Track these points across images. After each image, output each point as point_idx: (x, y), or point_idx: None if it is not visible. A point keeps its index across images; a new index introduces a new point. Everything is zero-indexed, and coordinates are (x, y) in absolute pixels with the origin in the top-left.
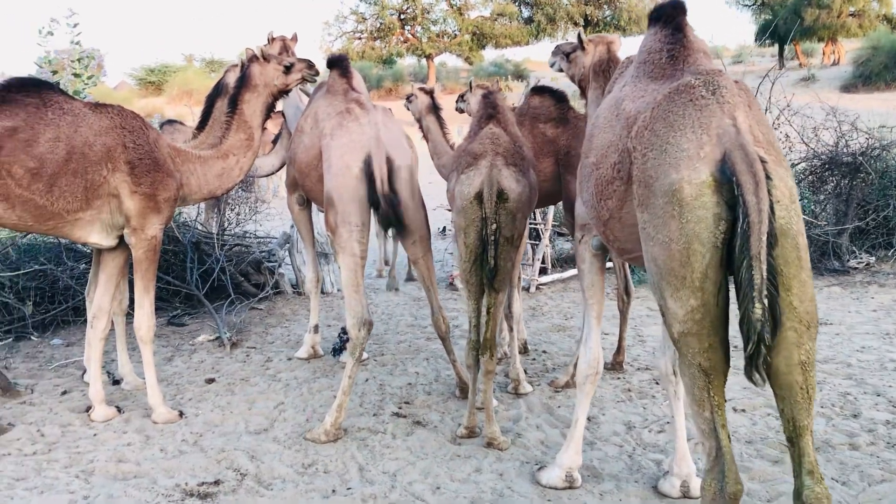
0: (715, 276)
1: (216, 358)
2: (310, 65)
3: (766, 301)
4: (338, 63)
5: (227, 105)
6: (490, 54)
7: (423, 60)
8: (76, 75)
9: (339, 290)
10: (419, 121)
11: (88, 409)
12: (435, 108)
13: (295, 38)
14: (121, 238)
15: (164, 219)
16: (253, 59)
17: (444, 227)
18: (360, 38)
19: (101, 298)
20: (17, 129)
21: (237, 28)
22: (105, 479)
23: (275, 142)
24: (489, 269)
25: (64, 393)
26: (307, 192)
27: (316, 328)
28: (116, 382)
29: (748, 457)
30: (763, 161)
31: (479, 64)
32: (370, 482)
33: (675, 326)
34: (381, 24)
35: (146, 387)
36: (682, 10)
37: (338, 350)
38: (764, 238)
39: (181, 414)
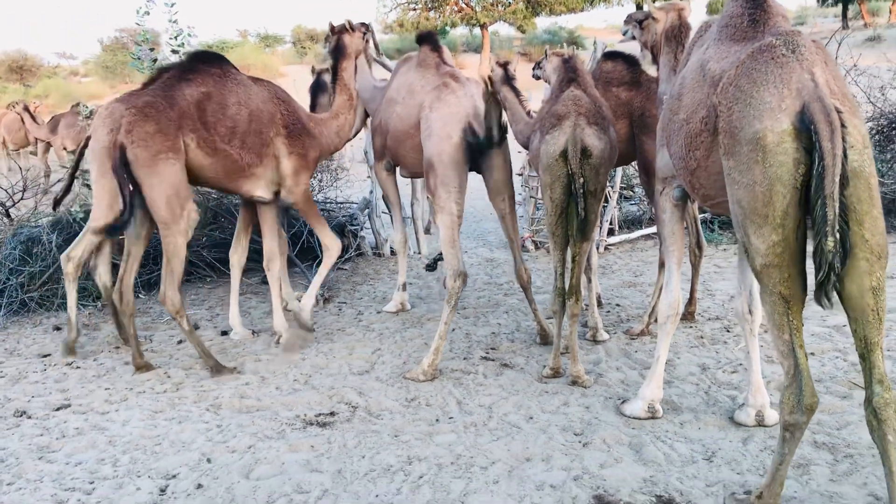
0: (794, 213)
1: (312, 312)
2: (370, 28)
3: (837, 235)
4: (428, 38)
5: (331, 73)
6: (543, 22)
7: (477, 30)
8: (174, 52)
9: (414, 252)
10: (496, 93)
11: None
12: (508, 80)
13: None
14: (276, 193)
15: (311, 175)
16: (343, 30)
17: None
18: (414, 9)
19: (269, 244)
20: (211, 95)
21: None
22: (232, 412)
23: None
24: (579, 221)
25: (180, 342)
26: (398, 158)
27: (404, 286)
28: (224, 333)
29: (819, 393)
30: (839, 111)
31: (532, 32)
32: (469, 413)
33: (757, 260)
34: None
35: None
36: None
37: (431, 266)
38: (837, 180)
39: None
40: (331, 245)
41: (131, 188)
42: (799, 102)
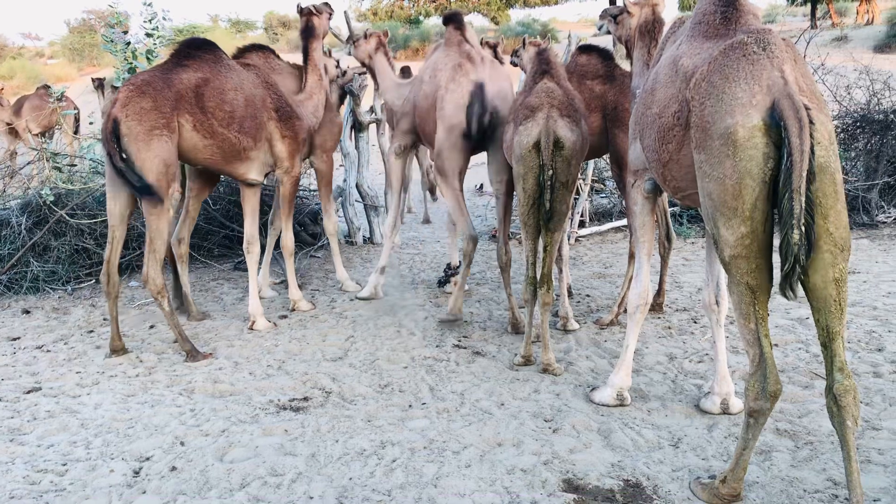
0: (763, 206)
1: (284, 298)
2: (330, 6)
3: (803, 228)
4: (453, 18)
5: (301, 54)
6: (517, 14)
7: None
8: (149, 35)
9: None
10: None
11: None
12: (498, 62)
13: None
14: (264, 176)
15: (302, 157)
16: (310, 13)
17: (481, 185)
18: None
19: (251, 228)
20: (208, 80)
21: None
22: (205, 396)
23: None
24: (546, 212)
25: (152, 327)
26: (425, 135)
27: (383, 270)
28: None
29: (781, 382)
30: (807, 108)
31: (505, 24)
32: (441, 399)
33: (726, 251)
34: None
35: (291, 293)
36: None
37: (442, 282)
38: (804, 175)
39: (314, 305)
40: (288, 244)
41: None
42: (769, 99)
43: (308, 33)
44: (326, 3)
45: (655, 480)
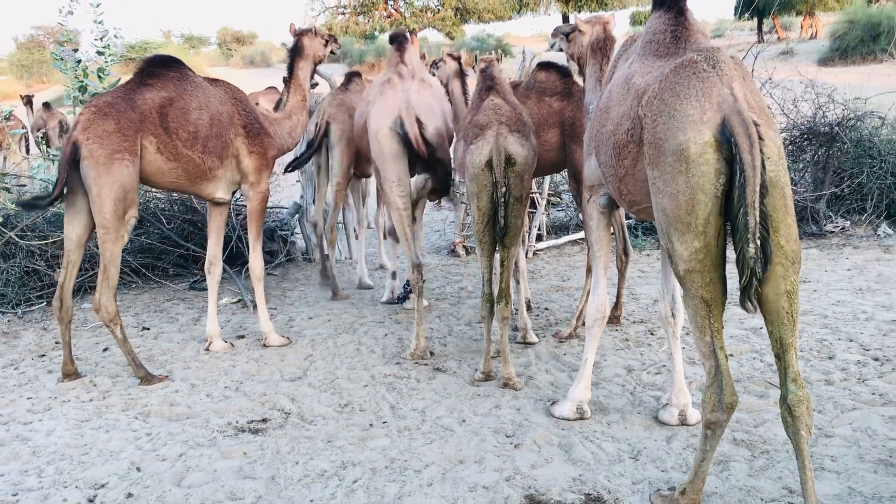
0: (715, 221)
1: (241, 318)
2: (336, 40)
3: (759, 242)
4: (394, 39)
5: (286, 71)
6: (472, 29)
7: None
8: (100, 53)
9: (345, 258)
10: (446, 86)
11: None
12: (462, 74)
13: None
14: (231, 194)
15: (269, 174)
16: (303, 33)
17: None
18: (343, 14)
19: (214, 248)
20: (173, 100)
21: (214, 3)
22: (162, 420)
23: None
24: (501, 228)
25: (105, 350)
26: (363, 153)
27: (394, 275)
28: (146, 329)
29: (737, 392)
30: (756, 124)
31: (461, 39)
32: (402, 417)
33: (680, 265)
34: None
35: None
36: None
37: (402, 298)
38: (758, 189)
39: (289, 339)
40: (256, 267)
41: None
42: (720, 115)
43: (295, 52)
44: (331, 34)
45: (616, 494)
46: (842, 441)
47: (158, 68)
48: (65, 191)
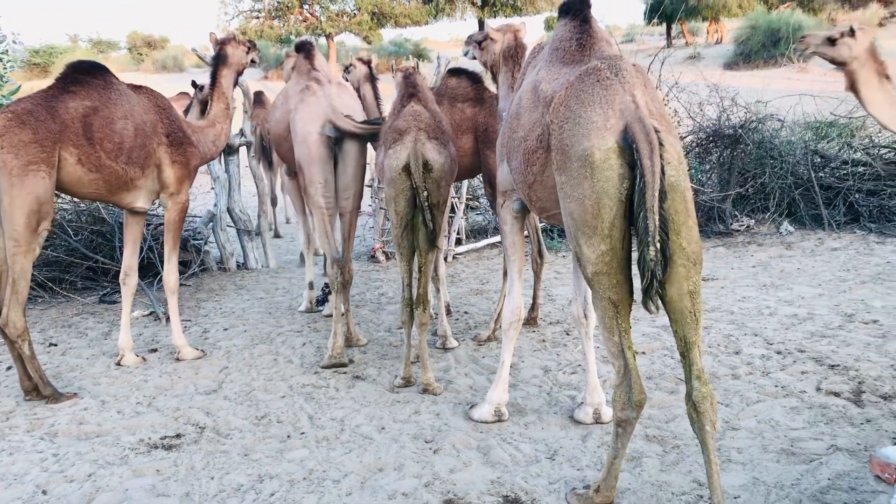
0: (620, 225)
1: (153, 331)
2: (256, 47)
3: (658, 245)
4: (301, 48)
5: (209, 80)
6: (389, 34)
7: (323, 39)
8: None
9: (262, 266)
10: (357, 90)
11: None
12: (372, 78)
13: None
14: (151, 203)
15: (191, 184)
16: (226, 41)
17: None
18: (257, 17)
19: (131, 259)
20: (97, 109)
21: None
22: (69, 440)
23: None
24: (420, 233)
25: (9, 368)
26: (283, 159)
27: (311, 285)
28: (53, 345)
29: (648, 389)
30: (657, 131)
31: (378, 43)
32: (321, 427)
33: (588, 268)
34: (279, 2)
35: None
36: (587, 5)
37: (321, 301)
38: (657, 194)
39: (204, 352)
40: (170, 279)
41: None
42: (622, 122)
43: (219, 60)
44: (251, 41)
45: (533, 494)
46: (747, 433)
47: (83, 75)
48: None
